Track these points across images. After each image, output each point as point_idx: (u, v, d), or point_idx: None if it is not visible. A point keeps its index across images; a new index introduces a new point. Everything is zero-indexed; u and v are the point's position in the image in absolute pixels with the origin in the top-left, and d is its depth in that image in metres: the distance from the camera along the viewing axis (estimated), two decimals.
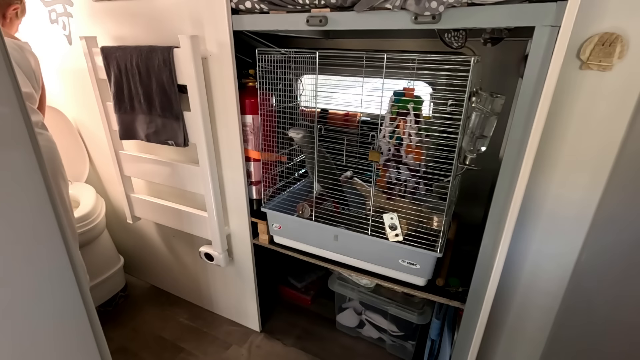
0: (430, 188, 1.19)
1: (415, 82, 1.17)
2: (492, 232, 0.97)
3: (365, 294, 1.50)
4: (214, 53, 1.16)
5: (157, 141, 1.30)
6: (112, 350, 0.90)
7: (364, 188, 1.25)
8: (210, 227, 1.39)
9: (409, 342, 1.50)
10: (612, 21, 0.76)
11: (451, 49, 1.10)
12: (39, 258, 0.69)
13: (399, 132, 1.20)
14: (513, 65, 1.24)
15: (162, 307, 1.83)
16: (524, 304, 1.07)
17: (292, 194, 1.45)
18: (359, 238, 1.18)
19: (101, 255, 1.70)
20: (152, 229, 1.74)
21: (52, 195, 0.68)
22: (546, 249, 0.99)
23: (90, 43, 1.30)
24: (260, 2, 1.04)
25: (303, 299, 1.85)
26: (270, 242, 1.43)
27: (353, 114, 1.48)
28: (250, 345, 1.60)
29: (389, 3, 0.87)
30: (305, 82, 1.25)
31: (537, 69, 0.79)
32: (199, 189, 1.34)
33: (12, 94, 0.60)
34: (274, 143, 1.34)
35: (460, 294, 1.13)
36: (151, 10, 1.20)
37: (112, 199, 1.80)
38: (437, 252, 1.06)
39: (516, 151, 0.88)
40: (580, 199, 0.90)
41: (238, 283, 1.59)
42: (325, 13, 0.97)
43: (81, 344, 0.81)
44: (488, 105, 1.01)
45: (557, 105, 0.84)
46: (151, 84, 1.20)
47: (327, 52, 1.07)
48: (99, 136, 1.60)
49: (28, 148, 0.63)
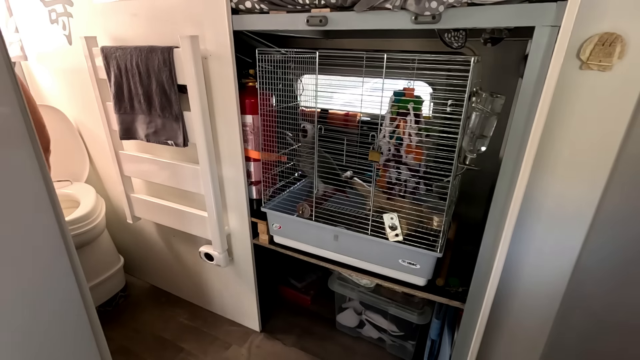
0: (430, 188, 1.19)
1: (415, 82, 1.17)
2: (492, 232, 0.97)
3: (365, 294, 1.49)
4: (214, 53, 1.16)
5: (157, 141, 1.30)
6: (112, 350, 0.90)
7: (364, 188, 1.25)
8: (210, 227, 1.39)
9: (409, 342, 1.50)
10: (612, 21, 0.76)
11: (451, 49, 1.10)
12: (39, 258, 0.69)
13: (399, 132, 1.20)
14: (513, 65, 1.24)
15: (162, 307, 1.83)
16: (523, 304, 1.07)
17: (292, 194, 1.45)
18: (359, 238, 1.18)
19: (101, 255, 1.70)
20: (152, 229, 1.74)
21: (52, 195, 0.68)
22: (546, 248, 0.99)
23: (90, 43, 1.30)
24: (260, 2, 1.04)
25: (303, 299, 1.85)
26: (270, 242, 1.43)
27: (353, 114, 1.48)
28: (250, 345, 1.60)
29: (389, 3, 0.87)
30: (305, 82, 1.25)
31: (537, 69, 0.79)
32: (199, 189, 1.34)
33: (12, 94, 0.60)
34: (274, 143, 1.35)
35: (460, 294, 1.13)
36: (151, 10, 1.20)
37: (112, 199, 1.80)
38: (437, 252, 1.06)
39: (516, 151, 0.88)
40: (580, 199, 0.90)
41: (238, 283, 1.59)
42: (325, 13, 0.97)
43: (81, 344, 0.81)
44: (488, 105, 1.01)
45: (557, 105, 0.84)
46: (151, 84, 1.20)
47: (327, 52, 1.07)
48: (99, 136, 1.60)
49: (28, 148, 0.63)
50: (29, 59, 1.62)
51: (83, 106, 1.57)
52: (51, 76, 1.60)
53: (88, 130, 1.66)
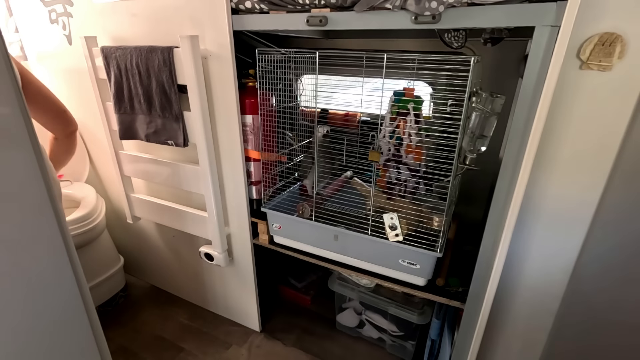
0: (430, 188, 1.19)
1: (415, 82, 1.17)
2: (492, 232, 0.97)
3: (365, 294, 1.50)
4: (214, 53, 1.16)
5: (157, 141, 1.30)
6: (112, 350, 0.90)
7: (364, 188, 1.25)
8: (210, 227, 1.39)
9: (409, 342, 1.50)
10: (612, 21, 0.76)
11: (451, 49, 1.10)
12: (39, 258, 0.69)
13: (399, 132, 1.20)
14: (513, 65, 1.24)
15: (162, 307, 1.83)
16: (524, 303, 1.07)
17: (292, 194, 1.45)
18: (359, 238, 1.18)
19: (101, 255, 1.70)
20: (152, 229, 1.74)
21: (52, 195, 0.68)
22: (546, 248, 0.99)
23: (90, 43, 1.30)
24: (260, 2, 1.04)
25: (303, 299, 1.85)
26: (270, 242, 1.43)
27: (353, 114, 1.48)
28: (250, 345, 1.61)
29: (389, 3, 0.87)
30: (305, 82, 1.25)
31: (537, 69, 0.79)
32: (199, 189, 1.34)
33: (12, 94, 0.60)
34: (274, 143, 1.35)
35: (460, 294, 1.13)
36: (151, 10, 1.20)
37: (112, 199, 1.80)
38: (437, 252, 1.06)
39: (516, 151, 0.88)
40: (580, 199, 0.90)
41: (238, 283, 1.59)
42: (325, 13, 0.97)
43: (81, 344, 0.81)
44: (488, 105, 1.01)
45: (557, 105, 0.84)
46: (151, 84, 1.20)
47: (327, 52, 1.07)
48: (99, 136, 1.60)
49: (28, 148, 0.63)
50: (29, 59, 1.62)
51: (83, 106, 1.57)
52: (51, 76, 1.60)
53: (88, 130, 1.66)
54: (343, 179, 1.33)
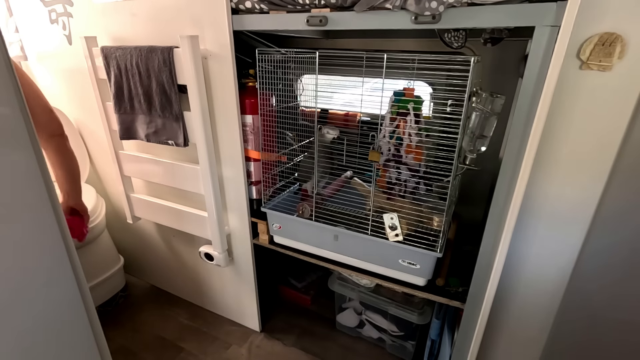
0: (430, 188, 1.19)
1: (415, 82, 1.17)
2: (492, 232, 0.97)
3: (365, 294, 1.50)
4: (214, 53, 1.16)
5: (157, 141, 1.30)
6: (112, 350, 0.90)
7: (364, 188, 1.25)
8: (210, 227, 1.39)
9: (409, 342, 1.50)
10: (612, 21, 0.76)
11: (451, 49, 1.10)
12: (39, 258, 0.69)
13: (399, 132, 1.20)
14: (513, 65, 1.24)
15: (162, 307, 1.83)
16: (524, 303, 1.07)
17: (292, 194, 1.45)
18: (359, 238, 1.18)
19: (101, 255, 1.70)
20: (152, 229, 1.74)
21: (52, 195, 0.68)
22: (546, 248, 0.99)
23: (90, 43, 1.30)
24: (260, 2, 1.04)
25: (303, 299, 1.85)
26: (270, 242, 1.43)
27: (353, 114, 1.48)
28: (250, 345, 1.61)
29: (389, 3, 0.87)
30: (305, 82, 1.25)
31: (537, 69, 0.79)
32: (198, 189, 1.34)
33: (12, 95, 0.60)
34: (274, 143, 1.35)
35: (460, 294, 1.13)
36: (151, 10, 1.20)
37: (112, 199, 1.80)
38: (437, 252, 1.06)
39: (516, 151, 0.88)
40: (580, 199, 0.90)
41: (238, 283, 1.59)
42: (325, 13, 0.97)
43: (81, 344, 0.81)
44: (488, 105, 1.01)
45: (557, 105, 0.84)
46: (151, 84, 1.20)
47: (327, 52, 1.07)
48: (99, 136, 1.60)
49: (28, 148, 0.63)
50: (29, 59, 1.62)
51: (83, 106, 1.57)
52: (51, 76, 1.60)
53: (88, 130, 1.66)
54: (343, 179, 1.33)
